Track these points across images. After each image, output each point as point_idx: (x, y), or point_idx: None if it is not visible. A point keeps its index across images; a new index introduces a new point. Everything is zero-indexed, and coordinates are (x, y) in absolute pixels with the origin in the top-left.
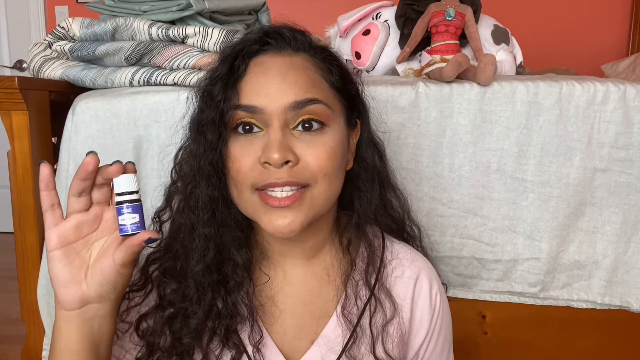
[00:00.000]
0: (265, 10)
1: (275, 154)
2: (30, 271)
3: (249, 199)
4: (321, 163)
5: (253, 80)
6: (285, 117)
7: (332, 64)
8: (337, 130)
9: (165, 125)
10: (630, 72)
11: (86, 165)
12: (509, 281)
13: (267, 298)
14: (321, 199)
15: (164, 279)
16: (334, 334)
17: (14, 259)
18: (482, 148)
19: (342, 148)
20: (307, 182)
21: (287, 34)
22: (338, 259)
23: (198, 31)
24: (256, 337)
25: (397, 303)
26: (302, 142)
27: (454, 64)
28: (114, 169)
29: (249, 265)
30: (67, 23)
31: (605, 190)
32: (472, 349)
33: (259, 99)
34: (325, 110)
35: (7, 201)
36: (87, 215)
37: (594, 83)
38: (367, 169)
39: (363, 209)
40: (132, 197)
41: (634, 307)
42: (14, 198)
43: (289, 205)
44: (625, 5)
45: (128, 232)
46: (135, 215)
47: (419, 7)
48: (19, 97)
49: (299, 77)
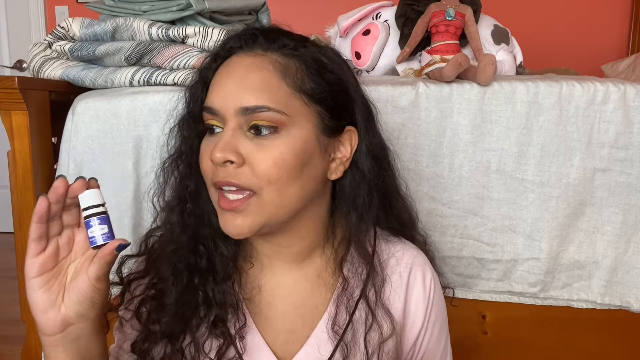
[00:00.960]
0: (265, 10)
1: (217, 153)
2: None
3: (213, 196)
4: (266, 168)
5: (217, 81)
6: (237, 119)
7: (316, 68)
8: (296, 135)
9: (165, 125)
10: (630, 72)
11: (56, 189)
12: (509, 281)
13: (257, 300)
14: (272, 206)
15: (157, 266)
16: (327, 340)
17: (14, 259)
18: (482, 148)
19: (302, 155)
20: (249, 187)
21: (260, 35)
22: (330, 269)
23: (198, 31)
24: (242, 329)
25: (394, 318)
26: (253, 145)
27: (454, 64)
28: (77, 185)
29: (235, 259)
30: (67, 23)
31: (605, 190)
32: (472, 349)
33: (218, 100)
34: (276, 116)
35: (7, 201)
36: (62, 239)
37: (594, 83)
38: (365, 181)
39: (357, 225)
40: (99, 209)
41: (634, 307)
42: (14, 198)
43: (236, 208)
44: (625, 5)
45: (99, 243)
46: (103, 226)
47: (419, 7)
48: (19, 97)
49: (253, 81)
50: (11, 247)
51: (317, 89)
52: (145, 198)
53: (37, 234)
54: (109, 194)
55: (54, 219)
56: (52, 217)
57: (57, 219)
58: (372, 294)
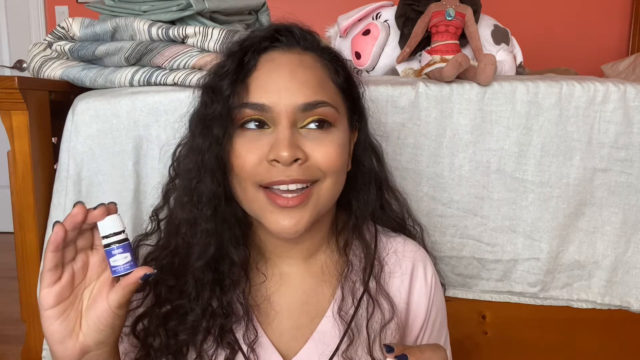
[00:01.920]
0: (265, 10)
1: (285, 152)
2: (30, 271)
3: (254, 197)
4: (331, 160)
5: (263, 76)
6: (294, 117)
7: (339, 66)
8: (342, 130)
9: (165, 125)
10: (630, 72)
11: (75, 217)
12: (509, 281)
13: (263, 298)
14: (326, 195)
15: (162, 276)
16: (330, 332)
17: (14, 259)
18: (482, 148)
19: (347, 148)
20: (315, 178)
21: (297, 32)
22: (334, 259)
23: (198, 31)
24: (251, 337)
25: (394, 303)
26: (311, 141)
27: (454, 64)
28: (98, 213)
29: (246, 264)
30: (67, 23)
31: (605, 190)
32: (472, 349)
33: (269, 96)
34: (332, 112)
35: (7, 201)
36: (76, 265)
37: (594, 83)
38: (364, 172)
39: (360, 211)
40: (120, 237)
41: (634, 307)
42: (14, 198)
43: (296, 205)
44: (625, 5)
45: (123, 273)
46: (126, 254)
47: (419, 7)
48: (19, 97)
49: (308, 77)
50: (11, 247)
51: (346, 86)
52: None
53: (54, 263)
54: (109, 194)
55: (68, 244)
56: (67, 243)
57: (71, 244)
58: (373, 280)
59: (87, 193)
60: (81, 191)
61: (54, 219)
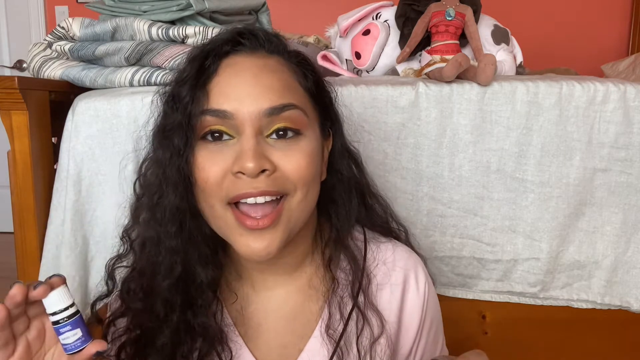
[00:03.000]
0: (265, 10)
1: (250, 163)
2: (30, 271)
3: (222, 215)
4: (300, 170)
5: (224, 82)
6: (259, 123)
7: (307, 69)
8: (313, 137)
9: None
10: (630, 72)
11: (13, 298)
12: (509, 281)
13: (248, 316)
14: (298, 210)
15: (130, 299)
16: (319, 352)
17: (14, 259)
18: (482, 148)
19: (318, 156)
20: (285, 191)
21: (261, 35)
22: (320, 274)
23: (198, 31)
24: (227, 358)
25: (384, 318)
26: (278, 150)
27: (454, 64)
28: (39, 292)
29: (215, 284)
30: (67, 23)
31: (605, 190)
32: (472, 348)
33: (230, 102)
34: (301, 116)
35: (7, 201)
36: (30, 335)
37: (594, 83)
38: (343, 180)
39: (341, 224)
40: (68, 312)
41: (634, 307)
42: (14, 198)
43: (267, 227)
44: (625, 5)
45: (74, 351)
46: (76, 330)
47: (419, 7)
48: (19, 97)
49: (273, 81)
50: (11, 247)
51: (315, 91)
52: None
53: (2, 342)
54: (109, 194)
55: (17, 318)
56: (14, 318)
57: (21, 316)
58: (362, 294)
59: (87, 193)
60: (81, 191)
61: (54, 219)
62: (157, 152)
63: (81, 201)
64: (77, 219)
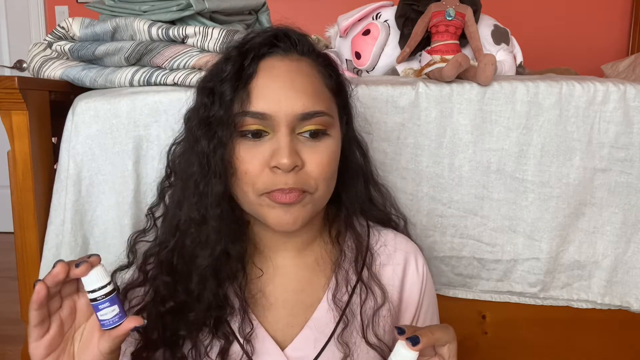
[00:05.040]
0: (265, 10)
1: (286, 159)
2: (30, 271)
3: (254, 201)
4: (323, 169)
5: (263, 84)
6: (293, 124)
7: (332, 70)
8: (336, 136)
9: (165, 125)
10: (630, 72)
11: (56, 276)
12: (509, 281)
13: (258, 290)
14: (320, 199)
15: (161, 275)
16: (325, 318)
17: (14, 259)
18: (482, 148)
19: (338, 152)
20: (308, 189)
21: (294, 37)
22: (328, 249)
23: (198, 31)
24: (247, 329)
25: (386, 290)
26: (307, 148)
27: (454, 64)
28: (81, 270)
29: (242, 258)
30: (67, 23)
31: (605, 190)
32: (472, 349)
33: (269, 105)
34: (328, 120)
35: (7, 201)
36: (63, 312)
37: (594, 83)
38: (351, 166)
39: (350, 203)
40: (106, 290)
41: (634, 307)
42: (14, 198)
43: (295, 202)
44: (625, 5)
45: (111, 326)
46: (114, 307)
47: (419, 7)
48: (19, 97)
49: (306, 86)
50: (11, 247)
51: (337, 89)
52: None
53: (39, 319)
54: (109, 194)
55: (53, 297)
56: (51, 297)
57: (56, 295)
58: (365, 269)
59: (87, 193)
60: (81, 191)
61: (54, 219)
62: (201, 142)
63: (81, 201)
64: (77, 219)
